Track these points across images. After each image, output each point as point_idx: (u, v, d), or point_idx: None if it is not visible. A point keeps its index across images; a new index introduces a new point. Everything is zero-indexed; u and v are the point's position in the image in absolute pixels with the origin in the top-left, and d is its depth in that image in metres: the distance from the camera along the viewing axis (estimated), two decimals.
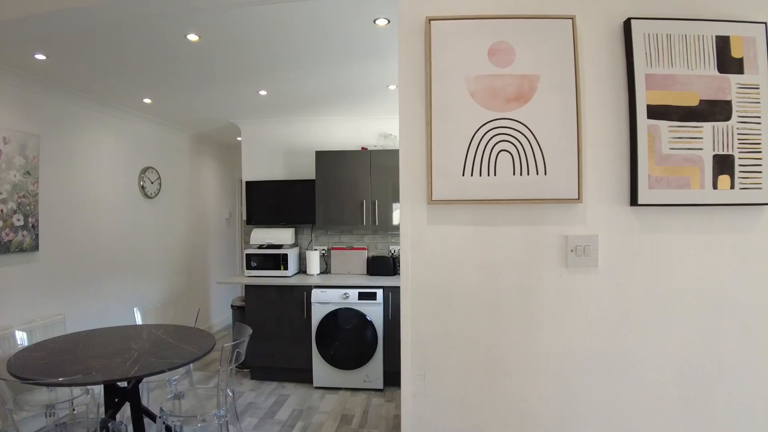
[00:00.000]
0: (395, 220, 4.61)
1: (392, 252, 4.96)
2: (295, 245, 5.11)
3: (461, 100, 1.49)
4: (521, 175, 1.50)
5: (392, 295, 4.30)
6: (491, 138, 1.49)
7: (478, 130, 1.49)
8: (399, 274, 4.45)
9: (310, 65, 3.38)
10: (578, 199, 1.52)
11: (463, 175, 1.48)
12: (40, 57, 3.12)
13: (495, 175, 1.49)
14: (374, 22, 2.67)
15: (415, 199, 1.51)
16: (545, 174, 1.51)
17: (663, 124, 1.55)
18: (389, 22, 2.67)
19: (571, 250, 1.54)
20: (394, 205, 4.62)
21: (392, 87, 3.90)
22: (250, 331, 3.01)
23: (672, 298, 1.55)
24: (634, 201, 1.54)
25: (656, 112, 1.55)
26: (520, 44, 1.54)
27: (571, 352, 1.54)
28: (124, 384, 2.81)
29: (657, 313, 1.55)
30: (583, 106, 1.55)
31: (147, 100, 4.37)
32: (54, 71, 3.43)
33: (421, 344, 1.52)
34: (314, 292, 4.37)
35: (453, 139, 1.49)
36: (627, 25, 1.55)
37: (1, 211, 3.31)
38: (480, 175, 1.49)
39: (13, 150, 3.40)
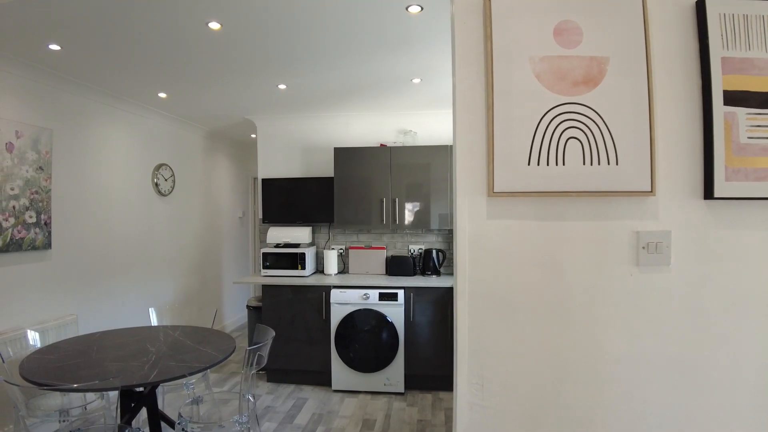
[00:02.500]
0: (410, 219, 4.48)
1: (411, 251, 4.83)
2: (312, 244, 4.99)
3: (526, 82, 1.36)
4: (591, 164, 1.37)
5: (413, 296, 4.18)
6: (559, 124, 1.36)
7: (545, 114, 1.36)
8: (420, 274, 4.34)
9: (334, 57, 3.26)
10: (651, 191, 1.39)
11: (529, 164, 1.34)
12: (54, 47, 3.01)
13: (564, 164, 1.36)
14: (406, 9, 2.54)
15: (474, 191, 1.37)
16: (617, 164, 1.37)
17: (740, 111, 1.41)
18: (422, 9, 2.54)
19: (643, 247, 1.41)
20: (409, 205, 4.48)
21: (416, 80, 3.77)
22: (272, 333, 2.89)
23: (749, 299, 1.41)
24: (708, 194, 1.40)
25: (733, 98, 1.41)
26: (588, 24, 1.41)
27: (641, 357, 1.41)
28: (141, 388, 2.70)
29: (733, 316, 1.41)
30: (654, 91, 1.42)
31: (162, 95, 4.26)
32: (68, 63, 3.32)
33: (479, 350, 1.38)
34: (333, 292, 4.25)
35: (517, 124, 1.35)
36: (700, 5, 1.42)
37: (14, 207, 3.20)
38: (547, 165, 1.35)
39: (26, 144, 3.29)
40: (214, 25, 2.72)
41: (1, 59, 3.09)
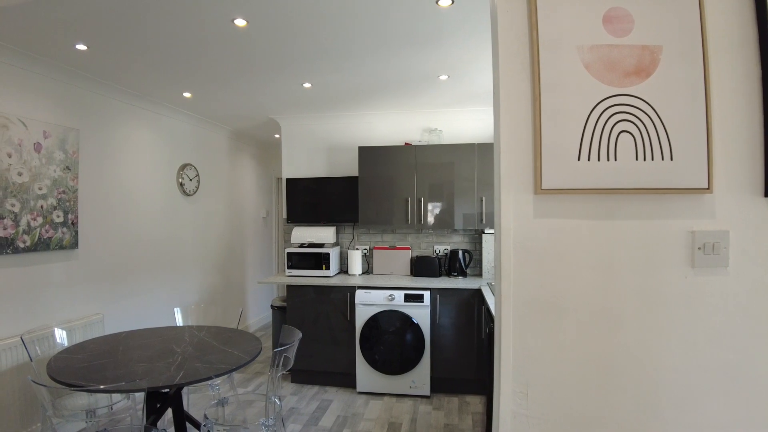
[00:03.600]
0: (435, 219, 4.40)
1: (437, 252, 4.76)
2: (336, 244, 4.95)
3: (575, 73, 1.29)
4: (644, 160, 1.28)
5: (440, 298, 4.10)
6: (610, 117, 1.28)
7: (595, 107, 1.28)
8: (446, 275, 4.26)
9: (361, 54, 3.21)
10: (708, 188, 1.30)
11: (579, 159, 1.26)
12: (80, 47, 3.02)
13: (615, 160, 1.27)
14: (437, 2, 2.47)
15: (519, 189, 1.29)
16: (671, 159, 1.29)
17: None
18: (453, 2, 2.47)
19: (699, 248, 1.31)
20: (434, 204, 4.40)
21: (443, 77, 3.70)
22: (299, 335, 2.85)
23: None
24: None
25: None
26: (639, 11, 1.32)
27: (696, 366, 1.32)
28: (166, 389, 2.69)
29: None
30: (711, 82, 1.32)
31: (187, 95, 4.26)
32: (94, 62, 3.33)
33: (524, 357, 1.30)
34: (358, 293, 4.19)
35: (566, 117, 1.27)
36: None
37: (42, 207, 3.22)
38: (598, 160, 1.27)
39: (53, 144, 3.31)
40: (240, 22, 2.69)
41: (28, 60, 3.12)
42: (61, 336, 3.11)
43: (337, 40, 2.98)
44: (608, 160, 1.27)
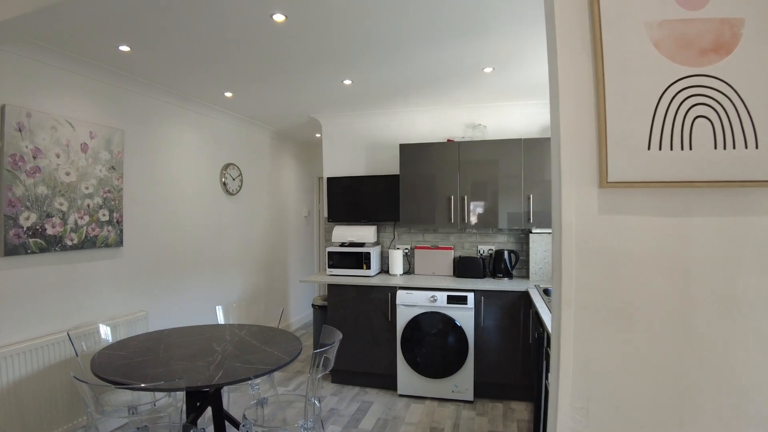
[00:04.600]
0: (479, 218, 4.25)
1: (481, 252, 4.60)
2: (377, 243, 4.87)
3: (643, 52, 1.14)
4: (725, 148, 1.13)
5: (484, 300, 3.95)
6: (684, 100, 1.13)
7: (667, 89, 1.13)
8: (491, 276, 4.10)
9: (403, 48, 3.10)
10: None
11: (649, 148, 1.12)
12: (124, 48, 3.05)
13: (690, 148, 1.12)
14: None
15: (582, 182, 1.16)
16: (756, 147, 1.13)
17: None
18: None
19: None
20: (478, 203, 4.25)
21: (488, 69, 3.55)
22: (339, 335, 2.78)
23: None
24: None
25: None
26: None
27: None
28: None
29: None
30: None
31: (228, 94, 4.28)
32: (137, 64, 3.37)
33: (586, 369, 1.17)
34: (399, 293, 4.10)
35: (634, 101, 1.13)
36: None
37: (88, 206, 3.29)
38: (671, 149, 1.13)
39: (99, 145, 3.38)
40: (279, 17, 2.64)
41: (75, 62, 3.18)
42: (105, 332, 3.16)
43: (377, 34, 2.90)
44: (682, 149, 1.13)
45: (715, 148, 1.12)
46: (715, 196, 1.14)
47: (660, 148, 1.13)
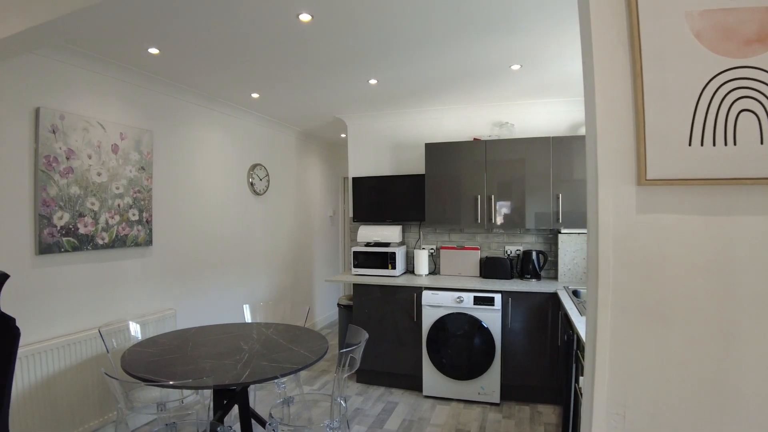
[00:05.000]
0: (506, 218, 4.18)
1: (508, 253, 4.53)
2: (402, 243, 4.85)
3: (683, 44, 1.09)
4: None
5: (512, 301, 3.89)
6: (728, 93, 1.07)
7: (709, 82, 1.08)
8: (518, 277, 4.04)
9: (429, 46, 3.08)
10: None
11: (690, 144, 1.07)
12: (152, 51, 3.11)
13: (735, 144, 1.07)
14: None
15: (619, 179, 1.11)
16: None
17: None
18: None
19: None
20: (505, 203, 4.18)
21: (515, 67, 3.49)
22: (366, 335, 2.77)
23: None
24: None
25: None
26: None
27: None
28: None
29: None
30: None
31: (254, 95, 4.32)
32: (166, 66, 3.43)
33: (623, 373, 1.13)
34: (425, 293, 4.07)
35: (674, 95, 1.08)
36: None
37: (119, 205, 3.36)
38: (714, 145, 1.07)
39: (129, 146, 3.45)
40: (305, 17, 2.64)
41: (105, 65, 3.26)
42: (135, 330, 3.22)
43: (403, 33, 2.88)
44: (726, 144, 1.07)
45: (762, 143, 1.07)
46: (761, 193, 1.08)
47: (702, 144, 1.07)
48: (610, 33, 1.13)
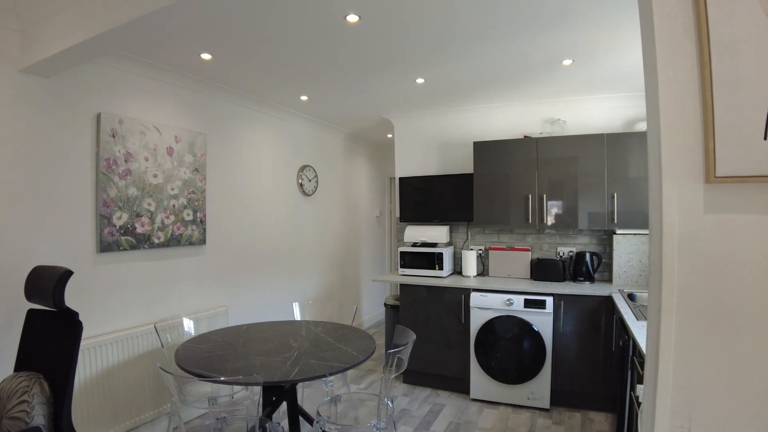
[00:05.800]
0: (557, 218, 4.04)
1: (560, 254, 4.39)
2: (449, 244, 4.79)
3: (756, 30, 1.01)
4: None
5: (564, 305, 3.76)
6: None
7: None
8: (571, 279, 3.90)
9: (476, 42, 3.02)
10: None
11: (765, 138, 0.98)
12: (205, 56, 3.21)
13: None
14: None
15: (684, 177, 1.04)
16: None
17: None
18: None
19: None
20: (554, 203, 4.05)
21: (567, 62, 3.37)
22: (413, 336, 2.75)
23: None
24: None
25: None
26: None
27: None
28: None
29: None
30: None
31: (303, 98, 4.39)
32: (218, 70, 3.54)
33: (688, 384, 1.05)
34: (473, 295, 4.00)
35: (746, 85, 1.00)
36: None
37: (174, 206, 3.48)
38: None
39: (183, 148, 3.57)
40: (352, 18, 2.65)
41: (160, 71, 3.40)
42: (189, 326, 3.33)
43: (451, 30, 2.84)
44: None
45: None
46: None
47: None
48: (674, 21, 1.06)
